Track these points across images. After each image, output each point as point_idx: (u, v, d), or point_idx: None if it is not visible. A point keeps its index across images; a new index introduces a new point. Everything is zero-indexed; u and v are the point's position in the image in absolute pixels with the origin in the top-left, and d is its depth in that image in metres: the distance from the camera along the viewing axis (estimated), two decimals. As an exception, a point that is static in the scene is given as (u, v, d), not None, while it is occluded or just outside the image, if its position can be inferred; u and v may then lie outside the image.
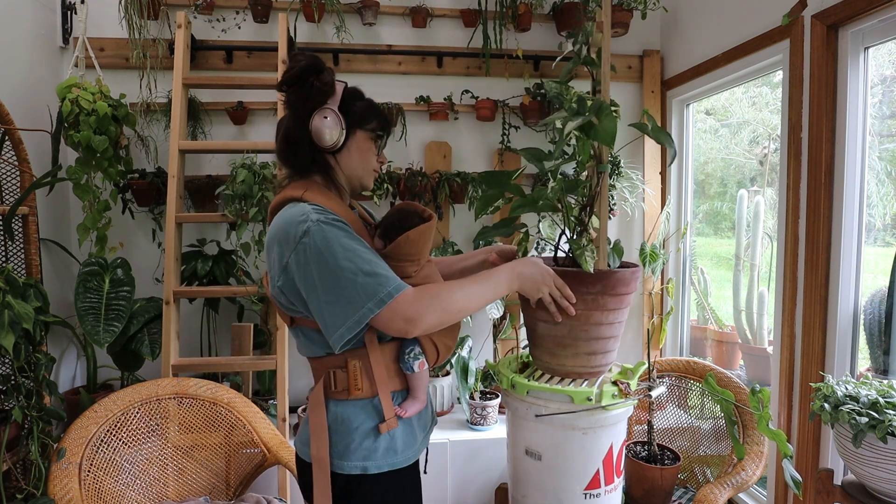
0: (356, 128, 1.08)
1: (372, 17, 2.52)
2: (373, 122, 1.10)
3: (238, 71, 2.51)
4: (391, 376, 1.08)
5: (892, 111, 1.90)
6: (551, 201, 1.44)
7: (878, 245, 1.95)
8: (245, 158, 2.17)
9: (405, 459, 1.09)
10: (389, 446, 1.07)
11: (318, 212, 1.00)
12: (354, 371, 1.05)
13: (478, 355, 2.67)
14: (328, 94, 1.05)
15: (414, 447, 1.11)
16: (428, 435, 1.20)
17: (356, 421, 1.06)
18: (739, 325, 2.85)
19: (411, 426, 1.12)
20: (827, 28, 1.72)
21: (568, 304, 1.16)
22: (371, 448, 1.06)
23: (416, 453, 1.12)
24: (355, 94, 1.10)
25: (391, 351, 1.09)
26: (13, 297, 1.63)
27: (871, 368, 1.77)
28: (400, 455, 1.08)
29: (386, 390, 1.06)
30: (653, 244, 2.64)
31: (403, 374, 1.11)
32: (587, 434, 1.49)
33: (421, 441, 1.15)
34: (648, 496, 1.86)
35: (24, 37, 2.19)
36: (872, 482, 1.38)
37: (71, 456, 1.66)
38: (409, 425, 1.11)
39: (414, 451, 1.11)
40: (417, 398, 1.10)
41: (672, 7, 2.64)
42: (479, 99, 2.60)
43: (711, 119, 3.30)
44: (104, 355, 2.35)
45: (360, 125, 1.09)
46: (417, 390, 1.10)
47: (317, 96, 1.04)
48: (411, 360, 1.07)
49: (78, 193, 2.22)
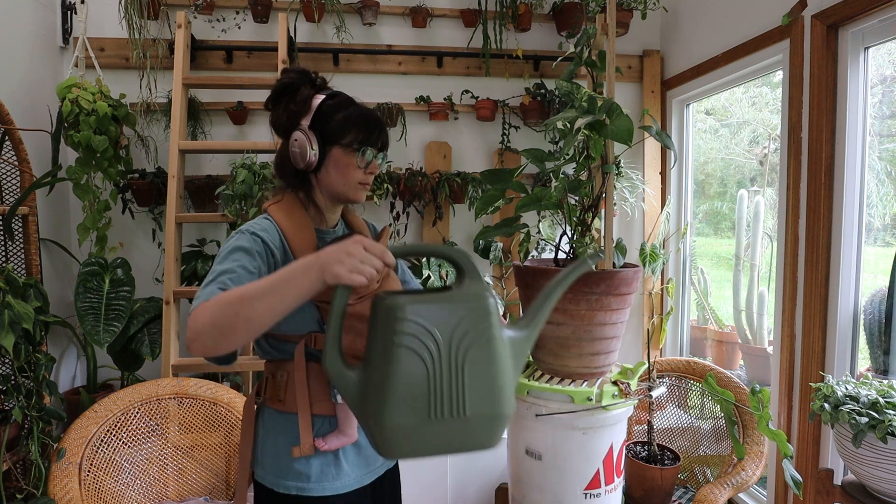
0: (331, 145, 1.03)
1: (372, 17, 2.52)
2: (350, 135, 1.03)
3: (238, 71, 2.51)
4: (316, 399, 1.02)
5: (892, 111, 1.90)
6: (554, 199, 1.44)
7: (878, 245, 1.95)
8: (245, 158, 2.17)
9: (320, 489, 1.01)
10: (304, 471, 1.01)
11: (254, 224, 1.02)
12: (280, 382, 1.03)
13: (478, 355, 2.67)
14: (302, 113, 1.02)
15: (337, 481, 1.03)
16: (371, 471, 1.09)
17: (273, 432, 1.05)
18: (739, 325, 2.85)
19: (336, 458, 1.03)
20: (827, 28, 1.72)
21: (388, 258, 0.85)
22: (297, 469, 1.02)
23: (341, 488, 1.03)
24: (335, 107, 1.04)
25: (316, 372, 1.02)
26: (13, 297, 1.63)
27: (871, 368, 1.77)
28: (313, 483, 1.01)
29: (306, 412, 1.00)
30: (653, 244, 2.64)
31: (332, 402, 1.04)
32: (587, 434, 1.49)
33: (355, 478, 1.06)
34: (648, 496, 1.86)
35: (24, 37, 2.19)
36: (872, 482, 1.38)
37: (71, 456, 1.66)
38: (332, 457, 1.03)
39: (336, 485, 1.03)
40: (343, 432, 1.02)
41: (672, 7, 2.64)
42: (479, 99, 2.60)
43: (711, 119, 3.31)
44: (104, 355, 2.35)
45: (335, 141, 1.02)
46: (343, 423, 1.02)
47: (290, 117, 1.03)
48: (335, 390, 1.00)
49: (78, 193, 2.22)
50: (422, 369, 0.79)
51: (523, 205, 1.50)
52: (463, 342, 0.80)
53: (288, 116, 1.03)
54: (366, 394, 0.81)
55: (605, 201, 1.54)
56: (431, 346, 0.79)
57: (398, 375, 0.78)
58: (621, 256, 1.64)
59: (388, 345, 0.79)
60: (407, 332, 0.79)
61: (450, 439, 0.81)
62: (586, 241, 1.46)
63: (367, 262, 0.81)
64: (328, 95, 1.05)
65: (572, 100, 1.42)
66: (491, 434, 0.83)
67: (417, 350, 0.79)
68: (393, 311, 0.79)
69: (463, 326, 0.81)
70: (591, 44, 1.64)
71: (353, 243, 0.82)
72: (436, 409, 0.79)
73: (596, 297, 1.45)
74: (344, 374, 0.83)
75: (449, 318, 0.80)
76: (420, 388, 0.79)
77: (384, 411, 0.78)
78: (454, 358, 0.80)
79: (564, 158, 1.50)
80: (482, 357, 0.81)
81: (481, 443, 0.84)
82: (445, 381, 0.79)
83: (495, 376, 0.82)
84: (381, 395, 0.79)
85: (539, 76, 2.69)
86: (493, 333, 0.82)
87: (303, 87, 1.03)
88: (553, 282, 0.95)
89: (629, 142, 1.32)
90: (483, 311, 0.82)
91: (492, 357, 0.82)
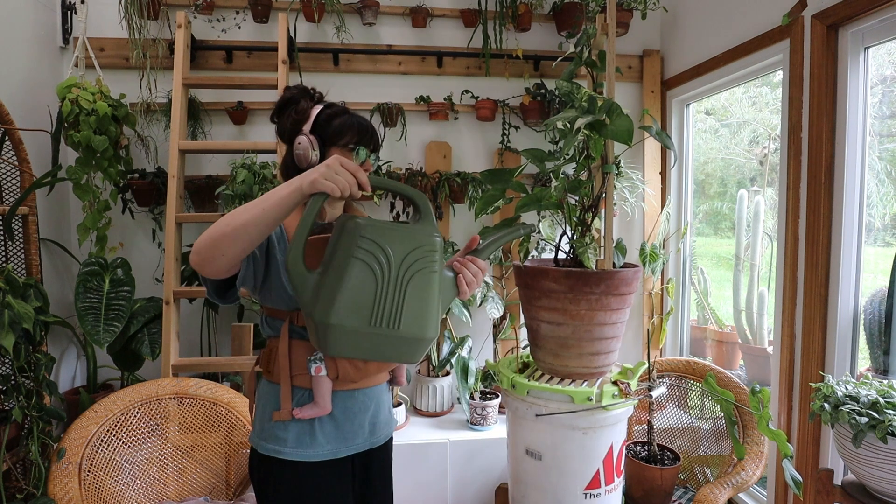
0: (331, 146, 1.16)
1: (372, 17, 2.52)
2: (346, 137, 1.16)
3: (238, 71, 2.51)
4: (297, 372, 1.14)
5: (892, 111, 1.90)
6: (555, 199, 1.44)
7: (878, 245, 1.95)
8: (245, 158, 2.17)
9: (294, 454, 1.12)
10: (282, 436, 1.13)
11: None
12: (270, 354, 1.17)
13: (478, 355, 2.67)
14: (302, 121, 1.17)
15: (310, 449, 1.13)
16: (349, 446, 1.18)
17: (262, 399, 1.18)
18: (739, 325, 2.85)
19: (311, 428, 1.14)
20: (827, 28, 1.72)
21: (363, 177, 0.96)
22: (277, 434, 1.14)
23: (314, 457, 1.13)
24: (332, 115, 1.17)
25: (299, 347, 1.14)
26: (13, 297, 1.63)
27: (871, 368, 1.77)
28: (289, 448, 1.12)
29: (287, 383, 1.13)
30: (653, 244, 2.64)
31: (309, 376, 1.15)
32: (587, 434, 1.49)
33: (329, 449, 1.15)
34: (648, 496, 1.86)
35: (24, 37, 2.19)
36: (872, 482, 1.38)
37: (71, 456, 1.66)
38: (307, 426, 1.14)
39: (309, 453, 1.13)
40: (317, 403, 1.13)
41: (672, 7, 2.64)
42: (479, 99, 2.60)
43: (711, 119, 3.30)
44: (104, 355, 2.35)
45: (334, 143, 1.16)
46: (316, 395, 1.12)
47: (292, 126, 1.17)
48: (311, 362, 1.11)
49: (78, 193, 2.22)
50: (371, 282, 0.92)
51: (523, 205, 1.50)
52: (410, 268, 0.95)
53: (291, 124, 1.18)
54: (318, 294, 0.93)
55: (605, 201, 1.54)
56: (384, 264, 0.93)
57: (350, 282, 0.91)
58: (621, 256, 1.64)
59: (347, 255, 0.92)
60: (365, 248, 0.92)
61: (381, 348, 0.95)
62: (586, 241, 1.46)
63: (341, 174, 0.94)
64: (325, 105, 1.20)
65: (572, 100, 1.42)
66: (414, 351, 0.98)
67: (371, 264, 0.93)
68: (357, 227, 0.93)
69: (413, 255, 0.95)
70: (591, 44, 1.64)
71: (332, 159, 0.95)
72: (376, 318, 0.92)
73: (596, 297, 1.45)
74: (303, 273, 0.94)
75: (402, 245, 0.94)
76: (367, 297, 0.92)
77: (331, 311, 0.90)
78: (400, 279, 0.94)
79: (564, 158, 1.50)
80: (422, 284, 0.95)
81: (406, 358, 0.98)
82: (388, 297, 0.93)
83: (429, 303, 0.96)
84: (332, 296, 0.91)
85: (539, 76, 2.69)
86: (436, 268, 0.97)
87: (302, 101, 1.19)
88: (487, 241, 1.11)
89: (629, 142, 1.32)
90: (431, 246, 0.97)
91: (429, 286, 0.96)
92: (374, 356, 0.97)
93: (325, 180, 0.92)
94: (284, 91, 1.21)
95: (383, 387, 1.27)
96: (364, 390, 1.20)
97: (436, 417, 2.49)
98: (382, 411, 1.25)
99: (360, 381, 1.18)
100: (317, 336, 0.95)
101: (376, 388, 1.23)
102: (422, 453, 2.22)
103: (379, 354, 0.96)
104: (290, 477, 1.13)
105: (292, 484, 1.13)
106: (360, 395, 1.19)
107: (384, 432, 1.26)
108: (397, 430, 2.32)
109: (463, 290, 1.08)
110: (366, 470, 1.23)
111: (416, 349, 0.97)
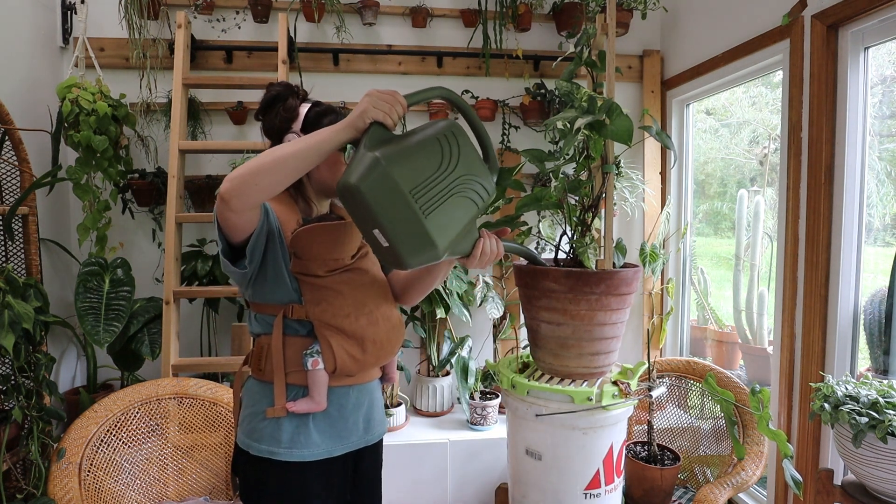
0: None
1: (372, 17, 2.52)
2: None
3: (238, 71, 2.51)
4: (291, 369, 1.12)
5: (892, 111, 1.90)
6: (554, 199, 1.44)
7: (878, 245, 1.95)
8: (245, 158, 2.17)
9: (289, 454, 1.10)
10: (276, 436, 1.10)
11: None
12: (261, 352, 1.14)
13: (478, 355, 2.67)
14: (292, 119, 1.15)
15: (305, 449, 1.11)
16: (344, 444, 1.17)
17: (252, 400, 1.15)
18: (739, 325, 2.85)
19: (306, 426, 1.11)
20: (827, 28, 1.72)
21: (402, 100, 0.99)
22: (270, 434, 1.11)
23: (309, 456, 1.11)
24: (322, 113, 1.16)
25: (293, 343, 1.12)
26: (13, 297, 1.63)
27: (871, 368, 1.77)
28: (283, 448, 1.10)
29: (281, 379, 1.10)
30: (653, 244, 2.64)
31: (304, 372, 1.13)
32: (587, 434, 1.49)
33: (324, 448, 1.13)
34: (648, 496, 1.86)
35: (24, 37, 2.19)
36: (872, 482, 1.38)
37: (71, 456, 1.66)
38: (302, 423, 1.11)
39: (304, 453, 1.11)
40: (312, 398, 1.11)
41: (672, 7, 2.64)
42: (479, 99, 2.60)
43: (711, 119, 3.30)
44: (104, 355, 2.35)
45: None
46: (312, 390, 1.11)
47: (281, 123, 1.15)
48: (307, 356, 1.10)
49: (78, 193, 2.22)
50: (435, 164, 0.97)
51: (523, 204, 1.50)
52: (464, 185, 1.00)
53: (280, 122, 1.15)
54: (389, 142, 0.96)
55: (605, 201, 1.54)
56: (451, 162, 0.98)
57: (423, 150, 0.96)
58: (621, 256, 1.64)
59: (435, 132, 0.99)
60: (449, 139, 0.99)
61: (395, 221, 0.93)
62: (586, 241, 1.46)
63: (386, 100, 0.96)
64: (313, 104, 1.19)
65: (572, 100, 1.42)
66: (416, 250, 0.97)
67: (444, 152, 0.98)
68: (455, 124, 1.02)
69: (472, 180, 1.01)
70: (591, 44, 1.64)
71: (370, 91, 0.97)
72: (417, 192, 0.94)
73: (596, 297, 1.45)
74: (382, 138, 0.96)
75: (471, 167, 1.01)
76: (423, 171, 0.95)
77: (393, 156, 0.92)
78: (452, 183, 0.98)
79: (564, 158, 1.50)
80: (463, 204, 1.00)
81: (406, 250, 0.96)
82: (437, 186, 0.96)
83: (457, 221, 1.00)
84: (401, 148, 0.94)
85: (539, 76, 2.69)
86: (478, 205, 1.03)
87: (290, 98, 1.16)
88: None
89: (629, 142, 1.32)
90: (486, 189, 1.03)
91: (466, 211, 1.01)
92: (388, 226, 0.93)
93: (374, 108, 0.94)
94: (269, 88, 1.17)
95: (376, 383, 1.27)
96: (358, 386, 1.19)
97: (436, 417, 2.49)
98: (376, 408, 1.25)
99: (357, 376, 1.17)
100: (359, 168, 0.92)
101: (370, 384, 1.23)
102: (422, 453, 2.22)
103: (393, 228, 0.93)
104: (281, 477, 1.11)
105: (282, 485, 1.11)
106: (355, 392, 1.18)
107: (378, 430, 1.25)
108: (397, 429, 2.32)
109: (475, 254, 1.06)
110: (355, 471, 1.22)
111: (420, 248, 0.96)
